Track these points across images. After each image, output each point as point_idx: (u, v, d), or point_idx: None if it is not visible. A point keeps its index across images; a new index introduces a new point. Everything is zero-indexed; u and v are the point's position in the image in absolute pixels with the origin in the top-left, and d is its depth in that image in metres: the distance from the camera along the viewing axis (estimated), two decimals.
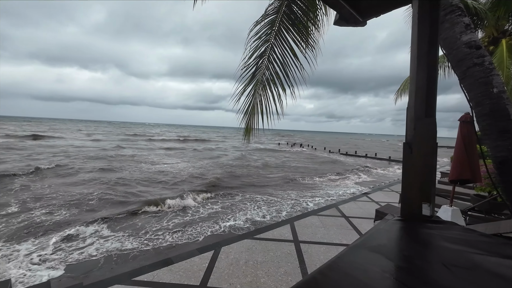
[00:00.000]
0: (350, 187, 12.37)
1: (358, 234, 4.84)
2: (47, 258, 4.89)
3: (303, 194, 10.41)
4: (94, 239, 5.72)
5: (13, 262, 4.71)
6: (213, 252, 3.88)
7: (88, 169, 14.60)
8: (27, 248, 5.23)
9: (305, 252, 3.99)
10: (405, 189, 1.33)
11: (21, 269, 4.49)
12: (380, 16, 1.98)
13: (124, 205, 8.22)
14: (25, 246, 5.32)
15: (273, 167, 18.18)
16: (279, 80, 3.79)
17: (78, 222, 6.72)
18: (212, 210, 7.91)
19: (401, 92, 9.46)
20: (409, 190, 1.31)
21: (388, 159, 28.00)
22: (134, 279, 3.14)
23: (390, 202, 7.09)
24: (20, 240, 5.62)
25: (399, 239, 1.10)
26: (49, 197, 9.00)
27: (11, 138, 30.24)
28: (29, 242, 5.53)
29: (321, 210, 6.29)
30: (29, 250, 5.16)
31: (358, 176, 16.31)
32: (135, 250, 5.18)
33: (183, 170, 15.30)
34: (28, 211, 7.51)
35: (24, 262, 4.73)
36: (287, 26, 3.77)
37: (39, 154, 19.73)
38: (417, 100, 1.25)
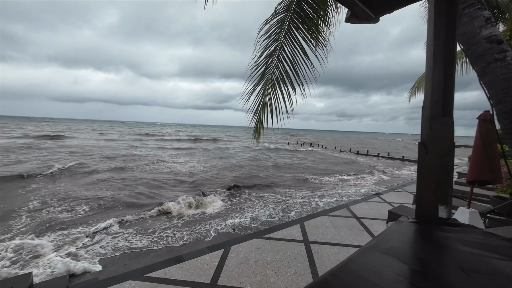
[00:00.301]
0: (369, 187, 12.27)
1: (370, 235, 4.74)
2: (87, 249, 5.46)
3: (318, 194, 10.42)
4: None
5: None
6: (223, 251, 3.91)
7: (118, 168, 15.32)
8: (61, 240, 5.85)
9: (315, 253, 3.96)
10: (420, 190, 1.28)
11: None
12: (394, 12, 1.93)
13: (143, 206, 8.50)
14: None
15: (287, 168, 18.08)
16: (289, 79, 3.77)
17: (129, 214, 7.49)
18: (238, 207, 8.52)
19: (415, 90, 9.15)
20: (425, 191, 1.27)
21: (402, 158, 27.25)
22: (147, 275, 3.23)
23: (404, 203, 6.89)
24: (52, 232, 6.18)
25: (413, 242, 1.07)
26: (87, 195, 9.55)
27: (31, 139, 31.68)
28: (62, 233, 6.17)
29: (332, 211, 6.21)
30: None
31: (373, 175, 16.08)
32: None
33: (201, 171, 15.60)
34: (67, 207, 8.16)
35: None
36: (297, 24, 3.74)
37: (58, 153, 20.64)
38: (433, 98, 1.21)
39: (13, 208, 7.83)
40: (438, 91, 1.20)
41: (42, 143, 27.44)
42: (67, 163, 15.48)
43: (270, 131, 3.93)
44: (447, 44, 1.19)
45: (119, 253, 5.33)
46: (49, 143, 28.11)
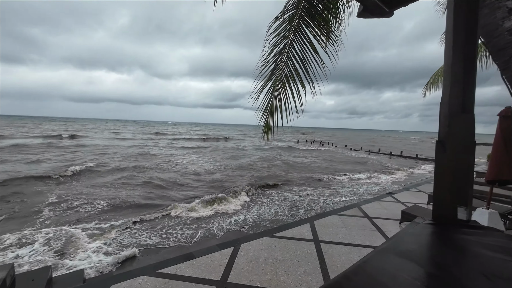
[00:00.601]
0: (385, 186, 12.16)
1: (382, 235, 4.63)
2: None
3: (341, 191, 10.57)
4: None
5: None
6: (233, 249, 3.94)
7: (147, 167, 15.91)
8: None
9: (326, 252, 3.91)
10: (438, 190, 1.23)
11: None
12: (408, 5, 1.85)
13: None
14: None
15: (302, 168, 17.99)
16: (299, 77, 3.72)
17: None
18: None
19: (431, 86, 8.81)
20: (442, 192, 1.21)
21: (416, 157, 26.45)
22: (159, 271, 3.30)
23: (418, 203, 6.69)
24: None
25: (431, 245, 1.02)
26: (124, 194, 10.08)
27: (51, 139, 33.03)
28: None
29: (342, 210, 6.11)
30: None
31: (390, 174, 15.86)
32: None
33: (218, 170, 15.87)
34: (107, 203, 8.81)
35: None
36: (307, 21, 3.67)
37: (77, 152, 21.47)
38: (453, 95, 1.15)
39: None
40: (458, 87, 1.14)
41: (60, 142, 28.63)
42: (88, 162, 16.13)
43: (279, 130, 3.90)
44: (467, 37, 1.12)
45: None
46: (67, 142, 29.29)
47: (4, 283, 3.12)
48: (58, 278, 3.81)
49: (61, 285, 3.64)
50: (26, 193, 9.65)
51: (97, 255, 5.32)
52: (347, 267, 3.20)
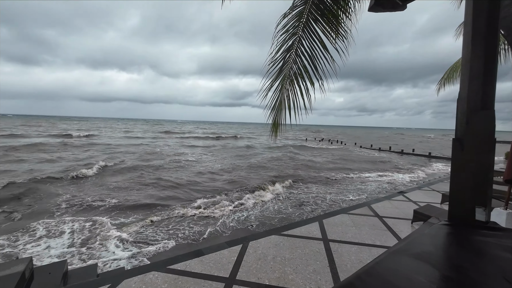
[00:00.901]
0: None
1: (393, 235, 4.53)
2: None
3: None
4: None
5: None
6: (241, 246, 3.96)
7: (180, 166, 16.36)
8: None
9: (335, 252, 3.87)
10: (455, 190, 1.18)
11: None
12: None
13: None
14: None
15: (319, 167, 17.84)
16: (307, 74, 3.67)
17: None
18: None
19: (445, 82, 8.50)
20: (459, 192, 1.17)
21: (428, 155, 25.65)
22: (169, 267, 3.36)
23: (431, 202, 6.51)
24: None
25: (447, 246, 0.98)
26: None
27: (66, 138, 34.10)
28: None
29: (352, 209, 6.02)
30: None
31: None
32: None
33: (236, 169, 16.07)
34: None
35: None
36: (316, 17, 3.61)
37: (95, 150, 22.14)
38: (471, 90, 1.09)
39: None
40: (477, 82, 1.08)
41: (75, 141, 29.53)
42: (109, 160, 16.65)
43: (288, 127, 3.87)
44: (488, 29, 1.06)
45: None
46: (83, 141, 30.20)
47: (23, 276, 3.26)
48: (72, 272, 3.95)
49: (75, 278, 3.77)
50: (46, 191, 10.04)
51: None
52: (357, 267, 3.17)
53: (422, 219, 4.96)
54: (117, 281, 3.04)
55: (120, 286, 2.94)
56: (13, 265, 3.43)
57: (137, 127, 76.95)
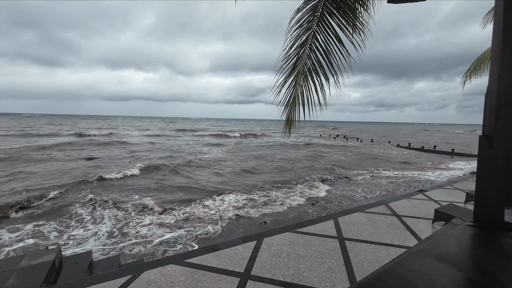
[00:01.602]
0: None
1: (412, 235, 4.38)
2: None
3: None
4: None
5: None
6: (256, 243, 4.00)
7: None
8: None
9: (351, 250, 3.81)
10: (481, 189, 1.12)
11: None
12: None
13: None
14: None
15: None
16: (322, 69, 3.59)
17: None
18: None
19: (471, 74, 7.97)
20: (487, 191, 1.10)
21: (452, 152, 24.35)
22: (186, 260, 3.47)
23: (453, 201, 6.20)
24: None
25: (473, 249, 0.94)
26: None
27: (98, 137, 35.49)
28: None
29: (368, 207, 5.87)
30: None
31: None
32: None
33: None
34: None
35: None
36: (331, 10, 3.51)
37: (125, 150, 22.84)
38: (501, 84, 1.02)
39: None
40: (508, 75, 1.01)
41: (108, 141, 30.26)
42: (144, 161, 17.08)
43: (305, 124, 3.83)
44: None
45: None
46: (114, 140, 31.03)
47: (54, 265, 3.51)
48: (97, 262, 4.19)
49: (100, 268, 4.00)
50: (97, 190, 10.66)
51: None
52: (374, 267, 3.09)
53: (444, 219, 4.74)
54: (138, 272, 3.18)
55: (140, 277, 3.08)
56: (44, 254, 3.70)
57: (159, 126, 77.92)
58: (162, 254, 4.96)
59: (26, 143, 24.86)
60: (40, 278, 3.14)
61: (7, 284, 3.04)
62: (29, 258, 3.58)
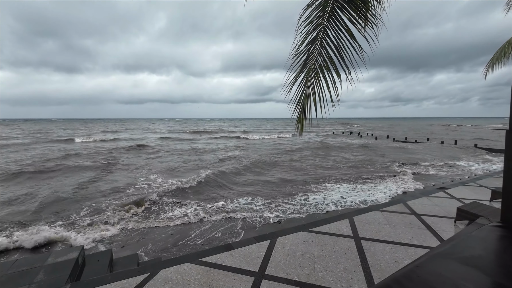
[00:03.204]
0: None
1: (433, 235, 4.20)
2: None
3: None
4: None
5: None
6: (270, 242, 4.00)
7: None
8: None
9: (367, 250, 3.71)
10: (509, 187, 1.04)
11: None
12: None
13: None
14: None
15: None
16: (334, 66, 3.51)
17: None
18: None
19: (495, 63, 7.49)
20: None
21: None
22: (201, 259, 3.53)
23: (477, 199, 5.88)
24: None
25: (501, 251, 0.88)
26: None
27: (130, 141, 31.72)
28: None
29: (385, 206, 5.70)
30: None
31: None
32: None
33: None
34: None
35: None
36: (342, 5, 3.41)
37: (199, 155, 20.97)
38: None
39: None
40: None
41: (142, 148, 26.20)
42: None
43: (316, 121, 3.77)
44: None
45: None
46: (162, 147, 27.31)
47: (77, 262, 3.69)
48: (117, 260, 4.36)
49: (120, 266, 4.16)
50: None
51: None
52: (392, 267, 2.99)
53: (467, 217, 4.50)
54: (156, 270, 3.28)
55: (158, 274, 3.17)
56: (68, 252, 3.91)
57: (170, 126, 75.48)
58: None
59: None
60: (65, 274, 3.32)
61: (37, 279, 3.24)
62: (55, 256, 3.79)
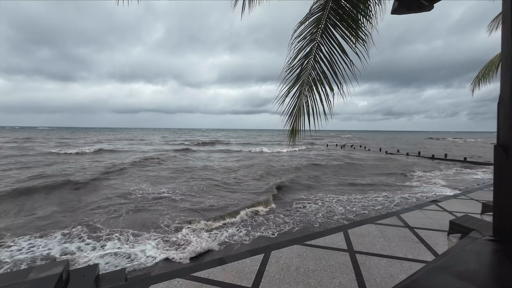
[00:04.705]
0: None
1: (427, 248, 4.19)
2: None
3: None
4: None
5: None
6: (263, 256, 3.90)
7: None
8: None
9: (362, 264, 3.66)
10: (500, 201, 1.07)
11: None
12: None
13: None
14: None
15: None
16: (327, 80, 3.61)
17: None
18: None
19: (480, 80, 7.86)
20: (506, 203, 1.05)
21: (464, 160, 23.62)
22: (193, 274, 3.40)
23: (469, 212, 5.95)
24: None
25: (495, 265, 0.88)
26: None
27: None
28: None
29: (379, 219, 5.69)
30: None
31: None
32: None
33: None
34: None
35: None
36: (335, 22, 3.57)
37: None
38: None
39: None
40: None
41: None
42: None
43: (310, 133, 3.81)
44: None
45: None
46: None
47: (61, 278, 3.50)
48: (103, 275, 4.16)
49: (106, 281, 3.96)
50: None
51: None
52: (387, 282, 2.94)
53: (460, 231, 4.53)
54: (144, 286, 3.14)
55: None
56: (52, 266, 3.71)
57: (181, 138, 69.48)
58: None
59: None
60: None
61: None
62: (38, 271, 3.58)
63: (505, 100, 1.03)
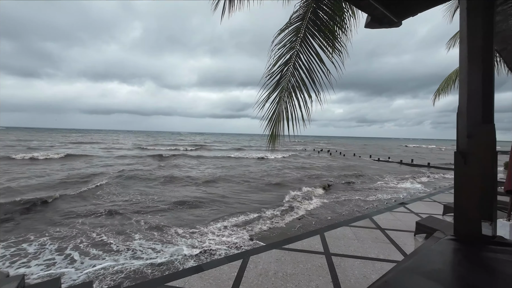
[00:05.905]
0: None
1: (396, 248, 4.44)
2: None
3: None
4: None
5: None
6: (242, 261, 3.84)
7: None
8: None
9: (338, 266, 3.76)
10: (459, 204, 1.16)
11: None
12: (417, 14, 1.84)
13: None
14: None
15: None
16: (305, 87, 3.72)
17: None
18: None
19: (440, 93, 8.66)
20: (464, 206, 1.15)
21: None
22: (167, 284, 3.24)
23: (432, 213, 6.44)
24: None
25: (457, 264, 0.95)
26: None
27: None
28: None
29: (353, 221, 5.93)
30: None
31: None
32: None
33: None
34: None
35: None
36: (313, 32, 3.71)
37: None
38: (471, 104, 1.10)
39: None
40: (477, 96, 1.09)
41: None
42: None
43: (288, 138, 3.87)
44: (484, 45, 1.09)
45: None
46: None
47: None
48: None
49: None
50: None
51: None
52: (361, 283, 3.04)
53: (424, 231, 4.88)
54: None
55: None
56: (4, 283, 3.30)
57: (158, 140, 67.10)
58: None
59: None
60: None
61: None
62: None
63: (463, 112, 1.14)
